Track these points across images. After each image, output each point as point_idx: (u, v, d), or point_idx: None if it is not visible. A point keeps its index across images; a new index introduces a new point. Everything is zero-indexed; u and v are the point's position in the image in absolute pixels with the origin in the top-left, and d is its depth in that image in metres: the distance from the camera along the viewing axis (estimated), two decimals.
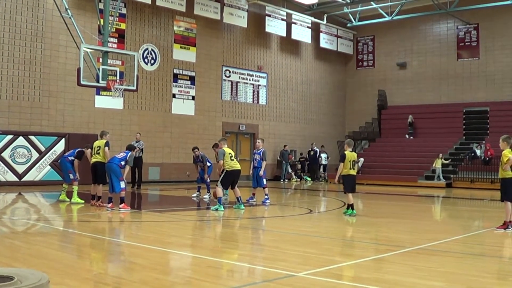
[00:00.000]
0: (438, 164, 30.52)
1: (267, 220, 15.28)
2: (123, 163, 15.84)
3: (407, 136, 36.77)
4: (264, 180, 18.73)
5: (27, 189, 22.34)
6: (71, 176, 17.55)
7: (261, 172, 18.52)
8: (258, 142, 19.29)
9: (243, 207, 16.34)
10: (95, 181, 16.55)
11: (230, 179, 16.25)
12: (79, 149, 17.73)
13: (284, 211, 18.14)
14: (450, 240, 11.11)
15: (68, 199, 17.56)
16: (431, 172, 31.72)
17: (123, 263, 8.69)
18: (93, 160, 16.66)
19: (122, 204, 15.52)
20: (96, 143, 16.81)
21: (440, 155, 30.86)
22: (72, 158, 17.56)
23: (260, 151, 18.76)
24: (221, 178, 16.17)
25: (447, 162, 31.14)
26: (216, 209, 15.67)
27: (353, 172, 15.36)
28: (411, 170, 32.07)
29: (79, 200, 17.28)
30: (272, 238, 11.62)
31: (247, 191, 20.21)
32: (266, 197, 18.46)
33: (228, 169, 16.11)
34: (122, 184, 15.64)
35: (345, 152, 15.29)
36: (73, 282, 6.78)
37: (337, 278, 7.18)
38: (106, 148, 16.45)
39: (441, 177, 30.45)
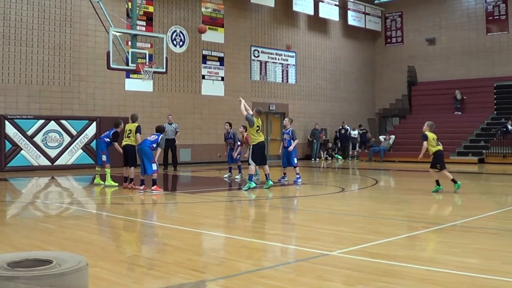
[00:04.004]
0: None
1: (299, 200, 15.28)
2: (154, 145, 15.91)
3: (455, 112, 36.13)
4: (295, 159, 18.71)
5: (59, 173, 22.55)
6: (104, 158, 17.63)
7: (291, 148, 18.49)
8: (285, 121, 19.33)
9: (272, 183, 16.47)
10: (127, 164, 16.69)
11: (259, 152, 16.31)
12: (114, 130, 17.77)
13: (316, 190, 18.12)
14: (484, 216, 11.00)
15: (102, 182, 17.69)
16: (463, 148, 31.50)
17: (156, 244, 8.75)
18: (124, 143, 16.78)
19: (154, 186, 15.62)
20: (128, 126, 16.95)
21: None
22: (108, 139, 17.61)
23: (289, 131, 18.75)
24: (250, 155, 16.24)
25: None
26: (249, 187, 15.76)
27: (440, 147, 15.73)
28: (443, 146, 31.74)
29: (113, 183, 17.38)
30: (305, 217, 11.62)
31: (279, 171, 20.22)
32: (298, 176, 18.44)
33: (253, 144, 16.19)
34: (154, 166, 15.72)
35: (426, 133, 15.57)
36: (107, 265, 6.83)
37: (371, 257, 7.16)
38: (138, 134, 16.56)
39: None
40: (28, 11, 24.05)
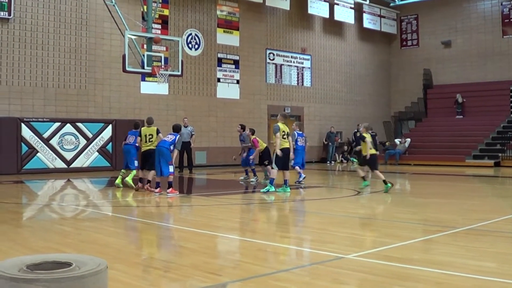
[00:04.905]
0: None
1: (315, 202, 15.28)
2: (172, 147, 15.83)
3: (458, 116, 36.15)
4: (296, 163, 18.88)
5: (75, 176, 22.65)
6: (136, 164, 17.55)
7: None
8: (293, 126, 19.47)
9: (289, 190, 16.31)
10: (145, 167, 16.68)
11: (283, 157, 16.22)
12: (138, 134, 17.64)
13: (331, 193, 18.11)
14: (500, 219, 10.97)
15: (121, 186, 17.55)
16: (479, 151, 31.38)
17: (172, 247, 8.78)
18: (145, 147, 16.68)
19: (170, 189, 15.60)
20: (147, 131, 16.85)
21: None
22: (138, 145, 17.44)
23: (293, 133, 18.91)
24: (274, 159, 16.20)
25: None
26: (267, 190, 15.79)
27: (374, 151, 17.19)
28: (458, 149, 31.70)
29: (132, 184, 17.32)
30: (320, 220, 11.60)
31: (293, 173, 20.20)
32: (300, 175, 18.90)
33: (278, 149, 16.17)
34: (171, 169, 15.67)
35: (364, 135, 16.85)
36: (123, 267, 6.86)
37: (387, 260, 7.15)
38: (160, 134, 16.63)
39: None
40: (44, 15, 24.20)
